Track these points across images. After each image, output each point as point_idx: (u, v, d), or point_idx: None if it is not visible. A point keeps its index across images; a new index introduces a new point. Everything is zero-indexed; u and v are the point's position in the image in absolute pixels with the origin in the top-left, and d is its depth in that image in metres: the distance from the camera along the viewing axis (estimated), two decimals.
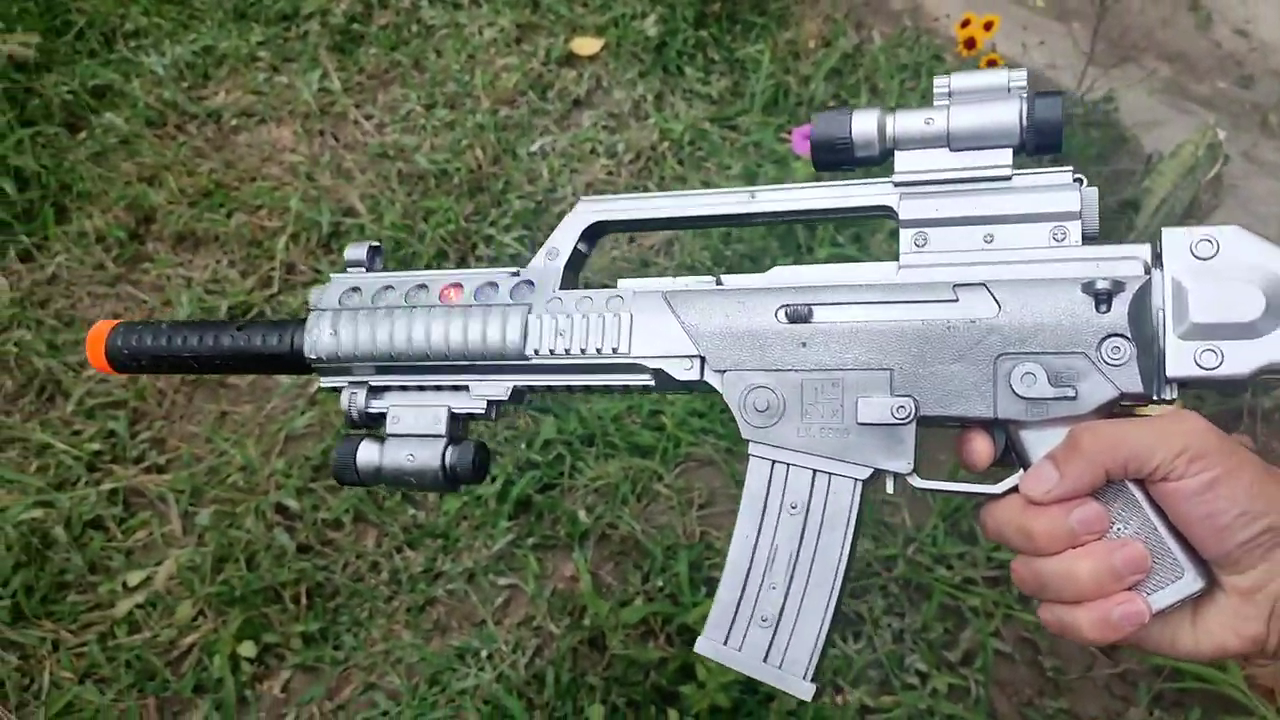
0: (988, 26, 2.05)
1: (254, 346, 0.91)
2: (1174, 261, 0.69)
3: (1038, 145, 0.74)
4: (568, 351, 0.82)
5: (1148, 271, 0.69)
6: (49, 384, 2.23)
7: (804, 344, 0.76)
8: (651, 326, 0.81)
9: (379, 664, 1.79)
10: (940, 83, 0.76)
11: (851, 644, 1.73)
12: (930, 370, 0.73)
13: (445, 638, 1.82)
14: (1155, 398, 0.69)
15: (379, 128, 2.74)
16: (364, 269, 0.91)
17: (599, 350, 0.81)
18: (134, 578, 1.90)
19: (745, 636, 0.78)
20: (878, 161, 0.78)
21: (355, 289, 0.89)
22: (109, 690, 1.78)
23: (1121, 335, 0.68)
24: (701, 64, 2.80)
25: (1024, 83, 0.74)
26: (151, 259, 2.48)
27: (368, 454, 0.86)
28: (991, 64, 2.12)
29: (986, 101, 0.74)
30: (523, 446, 2.00)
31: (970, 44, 2.07)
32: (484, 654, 1.78)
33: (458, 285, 0.87)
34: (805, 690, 0.76)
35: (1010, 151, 0.74)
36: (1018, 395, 0.71)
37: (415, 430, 0.86)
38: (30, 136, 2.59)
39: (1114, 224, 2.17)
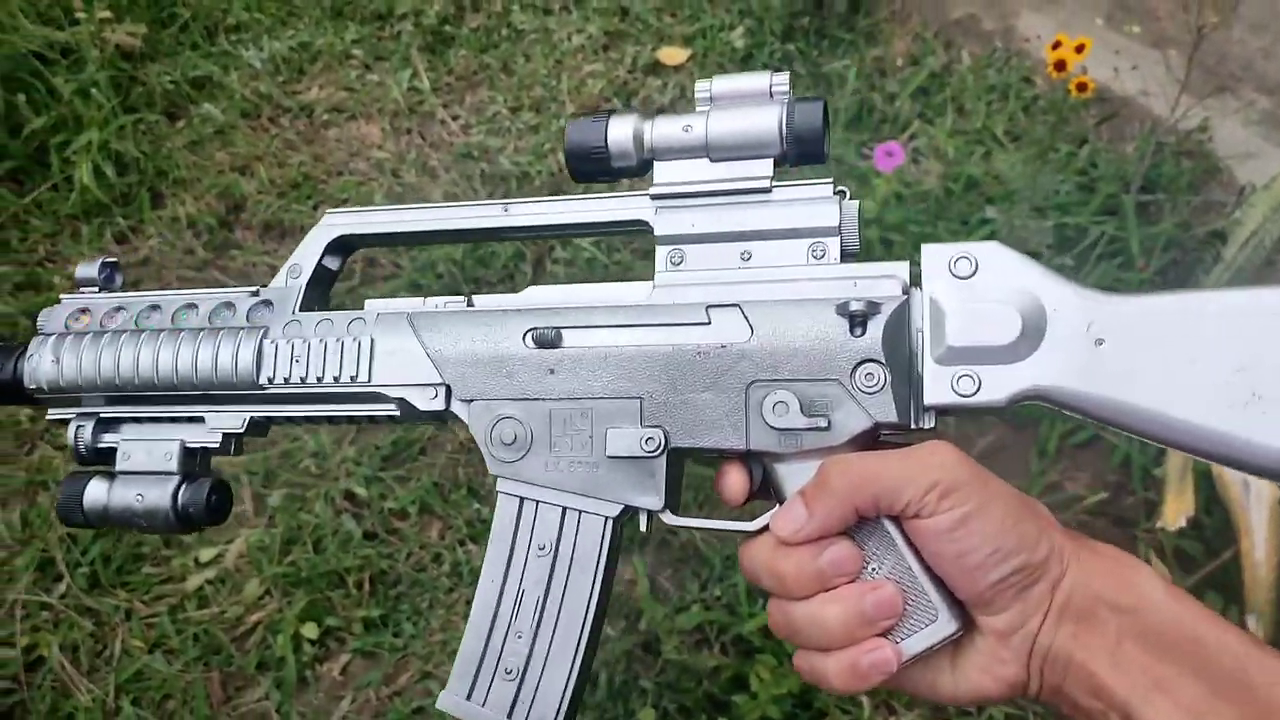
0: (1079, 49, 2.02)
1: None
2: (933, 281, 0.64)
3: (799, 155, 0.68)
4: (304, 380, 0.75)
5: (906, 291, 0.65)
6: None
7: (552, 371, 0.70)
8: (394, 352, 0.74)
9: (436, 653, 1.82)
10: (702, 86, 0.70)
11: None
12: (681, 399, 0.68)
13: None
14: (914, 426, 0.65)
15: (465, 128, 2.78)
16: (96, 288, 0.83)
17: (336, 379, 0.75)
18: (206, 554, 1.96)
19: (490, 690, 0.71)
20: (637, 172, 0.72)
21: (84, 310, 0.82)
22: (176, 661, 1.83)
23: (875, 360, 0.64)
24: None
25: (786, 87, 0.68)
26: (239, 246, 2.55)
27: (95, 493, 0.78)
28: (1081, 87, 2.09)
29: (746, 107, 0.69)
30: None
31: (1060, 66, 2.04)
32: None
33: (192, 306, 0.80)
34: None
35: (770, 162, 0.69)
36: (770, 426, 0.66)
37: (145, 467, 0.78)
38: (132, 123, 2.68)
39: (1200, 255, 2.12)
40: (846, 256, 0.68)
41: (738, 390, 0.67)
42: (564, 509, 0.71)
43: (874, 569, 0.64)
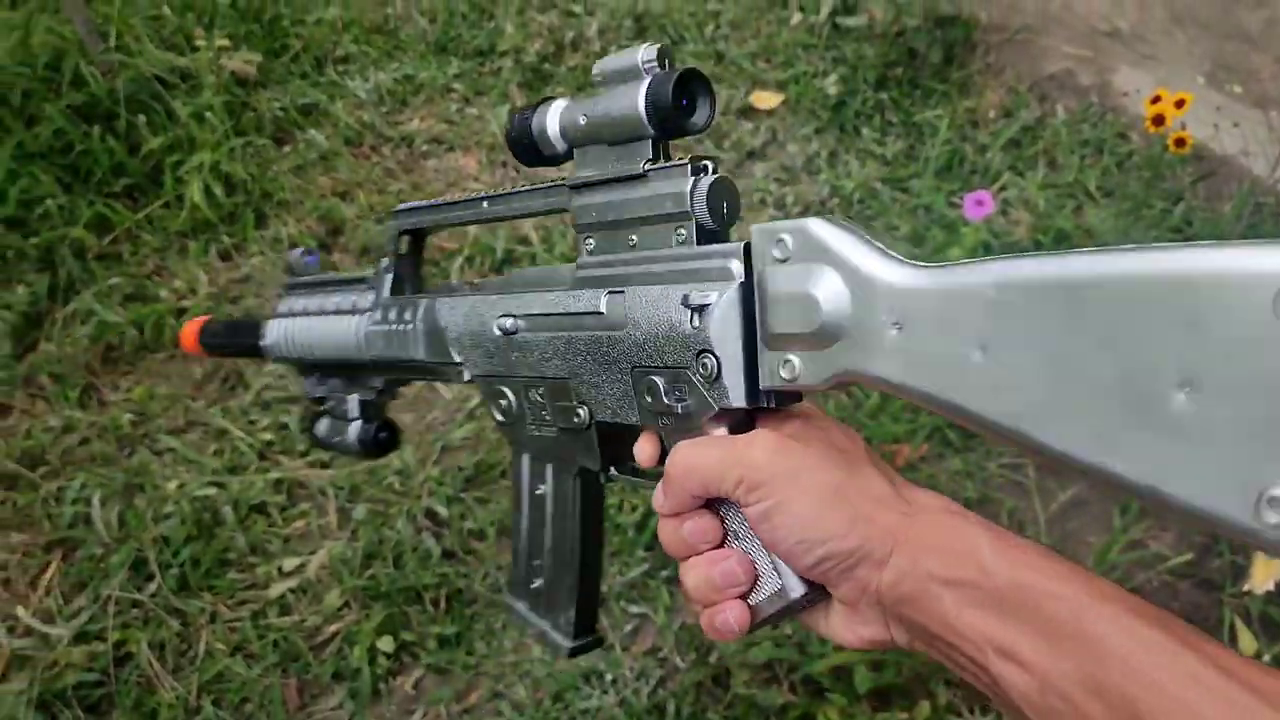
0: (1179, 104, 2.01)
1: (246, 341, 1.06)
2: (760, 263, 0.63)
3: (664, 131, 0.66)
4: (387, 356, 0.89)
5: (740, 276, 0.64)
6: (233, 375, 2.39)
7: (515, 353, 0.78)
8: (431, 334, 0.86)
9: (507, 674, 1.84)
10: (597, 67, 0.69)
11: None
12: (594, 380, 0.73)
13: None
14: (763, 407, 0.65)
15: None
16: (298, 273, 1.02)
17: (402, 357, 0.88)
18: (289, 563, 2.01)
19: (527, 593, 0.85)
20: (564, 158, 0.74)
21: (292, 292, 1.02)
22: (256, 666, 1.88)
23: (708, 350, 0.64)
24: (878, 125, 2.82)
25: (653, 59, 0.66)
26: (336, 268, 2.63)
27: (320, 426, 1.00)
28: (1180, 143, 2.07)
29: (620, 85, 0.67)
30: None
31: (1159, 121, 2.03)
32: (609, 678, 1.81)
33: (339, 289, 0.97)
34: (562, 644, 0.82)
35: (648, 144, 0.67)
36: (647, 407, 0.70)
37: (340, 412, 0.99)
38: (242, 146, 2.79)
39: None
40: (705, 236, 0.67)
41: (625, 373, 0.71)
42: (545, 463, 0.82)
43: (733, 539, 0.68)
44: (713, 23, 3.21)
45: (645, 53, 0.66)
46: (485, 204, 0.82)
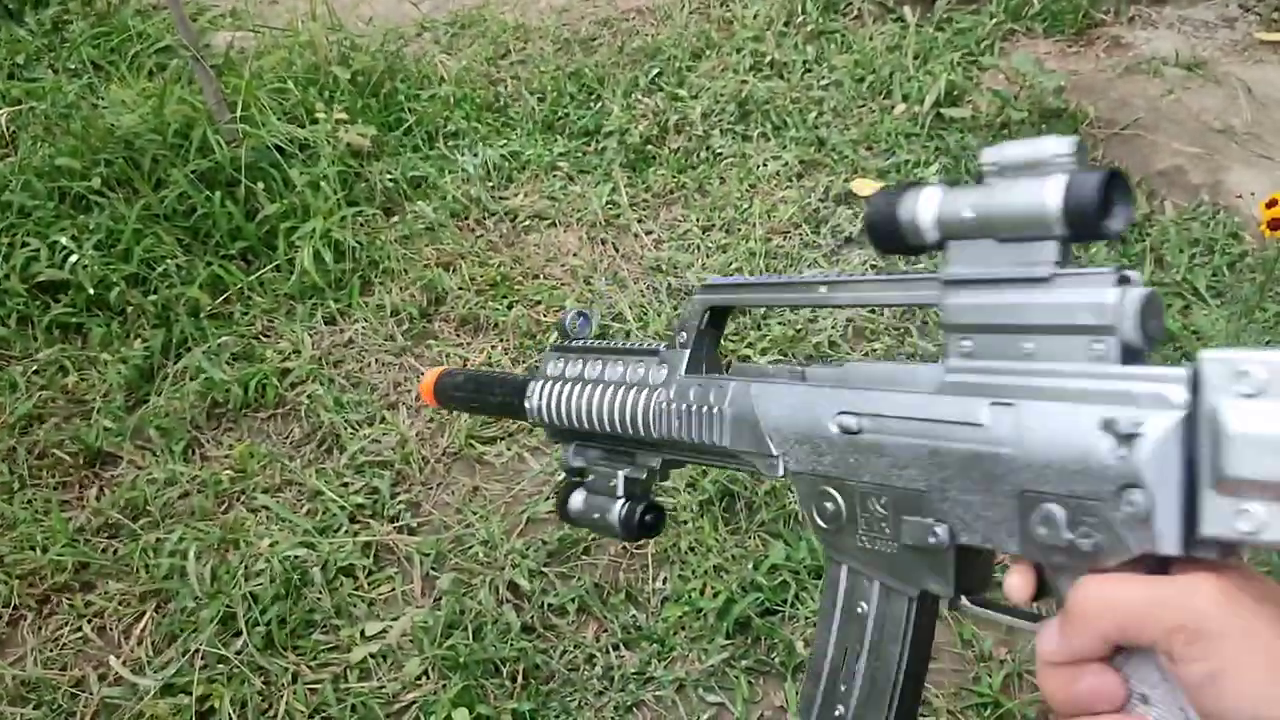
0: None
1: (501, 398, 1.02)
2: (1212, 395, 0.54)
3: (1075, 234, 0.60)
4: (681, 437, 0.83)
5: (1183, 406, 0.55)
6: (330, 437, 2.45)
7: (854, 456, 0.71)
8: (740, 421, 0.79)
9: None
10: (989, 155, 0.63)
11: None
12: (962, 498, 0.65)
13: None
14: (1191, 557, 0.56)
15: (656, 243, 2.88)
16: (570, 338, 0.97)
17: (701, 440, 0.81)
18: (372, 628, 2.03)
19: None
20: (933, 249, 0.68)
21: (562, 355, 0.96)
22: None
23: (1136, 485, 0.56)
24: None
25: (1070, 153, 0.59)
26: (436, 337, 2.69)
27: (574, 500, 0.94)
28: None
29: (1024, 179, 0.61)
30: (750, 567, 2.01)
31: (1275, 225, 1.98)
32: None
33: (621, 358, 0.91)
34: None
35: (1054, 245, 0.61)
36: (1036, 538, 0.61)
37: (600, 489, 0.92)
38: (353, 215, 2.89)
39: None
40: (1130, 356, 0.59)
41: (1010, 496, 0.62)
42: (876, 581, 0.74)
43: (1142, 700, 0.58)
44: (816, 109, 3.24)
45: (1059, 145, 0.59)
46: (824, 289, 0.76)
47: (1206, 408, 0.53)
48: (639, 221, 2.96)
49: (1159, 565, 0.57)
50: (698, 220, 2.92)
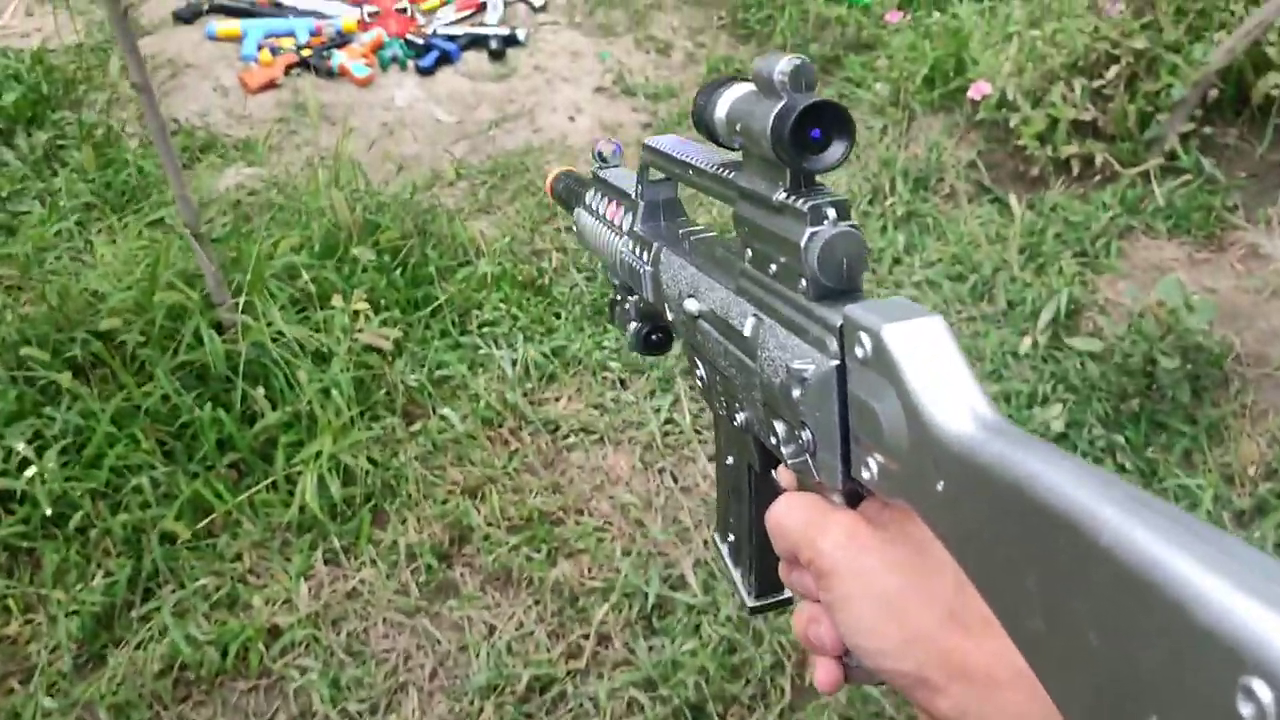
0: None
1: (571, 205, 1.05)
2: (848, 353, 0.55)
3: (785, 164, 0.58)
4: (630, 286, 0.90)
5: (836, 356, 0.55)
6: None
7: (699, 337, 0.75)
8: (656, 280, 0.86)
9: None
10: (757, 64, 0.60)
11: None
12: (744, 395, 0.68)
13: None
14: (858, 493, 0.59)
15: None
16: (606, 165, 0.98)
17: (639, 293, 0.88)
18: None
19: (725, 540, 0.83)
20: (736, 149, 0.65)
21: (596, 185, 0.98)
22: None
23: (804, 423, 0.58)
24: (1110, 467, 2.35)
25: (787, 76, 0.55)
26: (458, 591, 2.23)
27: (616, 311, 0.97)
28: None
29: (765, 99, 0.57)
30: None
31: None
32: None
33: None
34: (746, 599, 0.80)
35: (786, 172, 0.58)
36: (772, 445, 0.64)
37: (625, 306, 0.95)
38: (366, 427, 2.45)
39: None
40: (826, 294, 0.57)
41: (760, 404, 0.65)
42: (730, 441, 0.80)
43: None
44: None
45: (784, 65, 0.55)
46: (691, 172, 0.73)
47: (847, 360, 0.54)
48: (702, 444, 2.51)
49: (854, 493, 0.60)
50: None
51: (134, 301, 2.48)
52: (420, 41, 4.11)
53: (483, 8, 4.35)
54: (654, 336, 0.94)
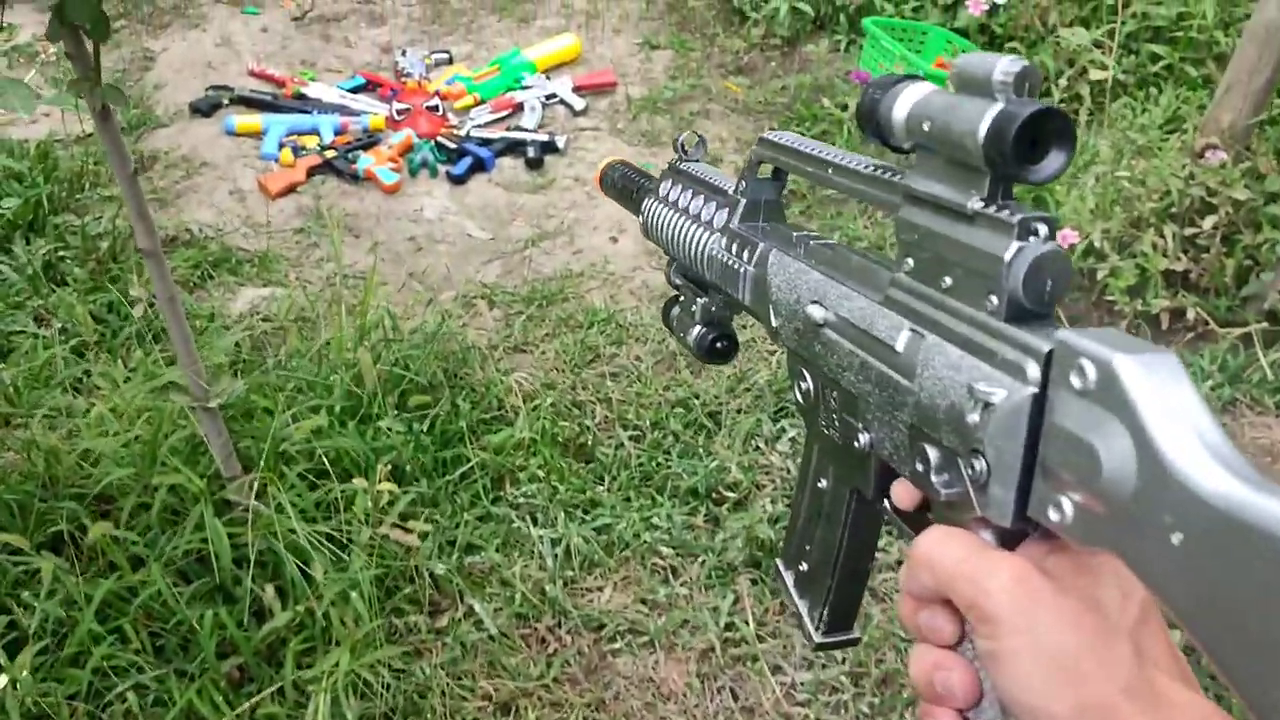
0: None
1: (635, 206, 1.02)
2: (1055, 383, 0.50)
3: (995, 173, 0.53)
4: (720, 285, 0.87)
5: (1035, 383, 0.51)
6: None
7: (821, 346, 0.68)
8: (759, 282, 0.83)
9: None
10: (957, 64, 0.55)
11: None
12: (877, 414, 0.63)
13: None
14: (1026, 532, 0.54)
15: (794, 698, 2.13)
16: (685, 158, 0.95)
17: (735, 296, 0.86)
18: None
19: (795, 569, 0.78)
20: (908, 152, 0.60)
21: (673, 176, 0.94)
22: None
23: (980, 453, 0.53)
24: None
25: (1010, 79, 0.51)
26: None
27: (672, 314, 0.96)
28: None
29: (971, 100, 0.53)
30: None
31: None
32: None
33: None
34: (812, 635, 0.76)
35: (986, 179, 0.53)
36: (916, 473, 0.59)
37: (686, 309, 0.93)
38: (388, 641, 2.15)
39: None
40: (1020, 314, 0.53)
41: (905, 426, 0.60)
42: (829, 464, 0.73)
43: (969, 646, 0.57)
44: None
45: (1005, 66, 0.51)
46: (830, 169, 0.68)
47: (1051, 390, 0.51)
48: (769, 655, 2.21)
49: (1017, 532, 0.56)
50: (847, 670, 2.17)
51: (132, 463, 2.19)
52: (453, 146, 3.86)
53: (519, 108, 4.11)
54: (719, 344, 0.90)
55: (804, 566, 0.76)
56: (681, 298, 0.93)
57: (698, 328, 0.90)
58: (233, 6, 4.73)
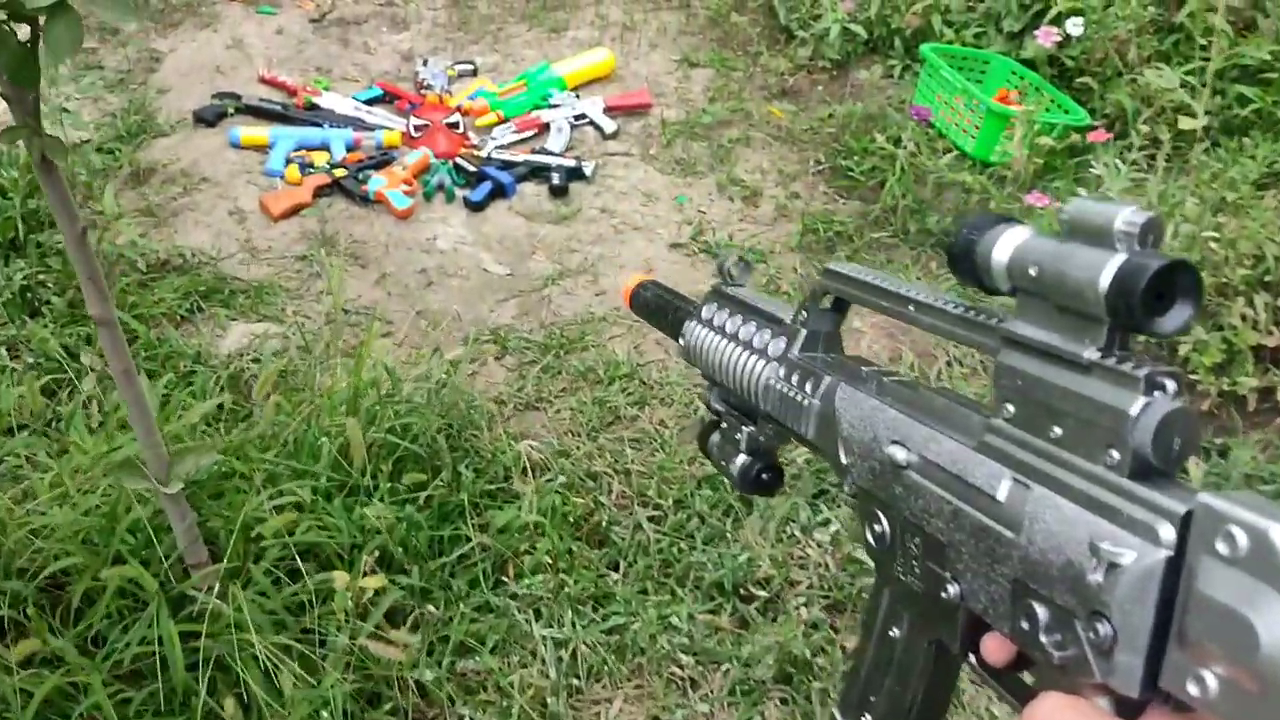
0: None
1: (671, 329, 0.97)
2: (1194, 547, 0.45)
3: (1117, 324, 0.50)
4: (778, 417, 0.81)
5: (1168, 547, 0.46)
6: None
7: (900, 489, 0.63)
8: (825, 416, 0.78)
9: None
10: (1070, 208, 0.52)
11: None
12: (971, 565, 0.57)
13: None
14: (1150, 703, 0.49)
15: None
16: (729, 282, 0.91)
17: (797, 430, 0.81)
18: None
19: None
20: (1007, 294, 0.57)
21: (718, 300, 0.90)
22: None
23: (1104, 616, 0.48)
24: None
25: (1135, 229, 0.48)
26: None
27: (712, 441, 0.89)
28: None
29: (1087, 248, 0.50)
30: None
31: None
32: None
33: None
34: None
35: (1104, 329, 0.50)
36: (1019, 630, 0.54)
37: (729, 437, 0.88)
38: None
39: None
40: (1145, 471, 0.49)
41: (1007, 580, 0.55)
42: (904, 612, 0.67)
43: None
44: None
45: (1128, 217, 0.48)
46: (912, 307, 0.65)
47: (1190, 557, 0.47)
48: None
49: (1136, 704, 0.52)
50: None
51: (83, 560, 1.93)
52: (472, 168, 3.58)
53: (545, 128, 3.82)
54: (764, 475, 0.86)
55: (867, 718, 0.71)
56: (724, 424, 0.88)
57: (742, 457, 0.86)
58: (248, 5, 4.46)
